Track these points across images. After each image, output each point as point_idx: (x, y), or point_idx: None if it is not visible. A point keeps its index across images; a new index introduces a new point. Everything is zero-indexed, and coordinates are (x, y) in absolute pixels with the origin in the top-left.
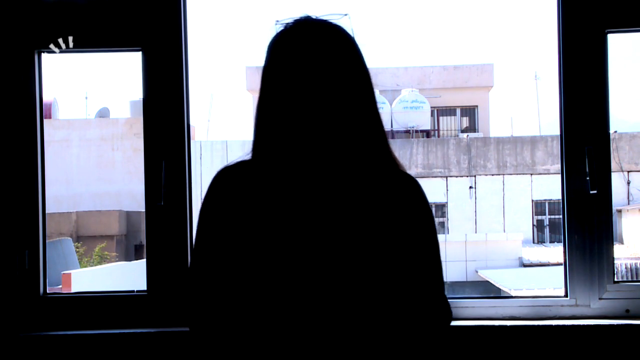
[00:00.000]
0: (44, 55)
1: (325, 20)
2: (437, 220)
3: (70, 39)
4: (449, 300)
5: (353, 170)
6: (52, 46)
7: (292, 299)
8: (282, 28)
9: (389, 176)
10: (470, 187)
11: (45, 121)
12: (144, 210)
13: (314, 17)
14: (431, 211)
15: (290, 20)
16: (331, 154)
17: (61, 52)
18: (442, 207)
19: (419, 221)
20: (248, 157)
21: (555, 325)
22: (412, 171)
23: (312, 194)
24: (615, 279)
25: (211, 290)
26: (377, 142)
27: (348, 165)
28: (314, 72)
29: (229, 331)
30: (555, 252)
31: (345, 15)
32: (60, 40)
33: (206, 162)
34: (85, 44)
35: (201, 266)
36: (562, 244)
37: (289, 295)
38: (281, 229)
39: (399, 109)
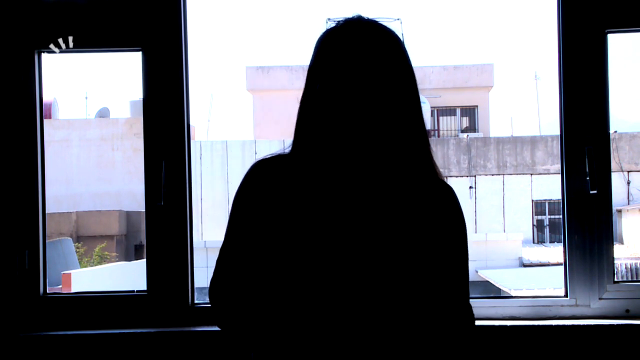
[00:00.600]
0: (44, 55)
1: (377, 22)
2: None
3: (70, 39)
4: None
5: (391, 173)
6: (52, 46)
7: (319, 299)
8: (333, 25)
9: (427, 183)
10: (470, 187)
11: (45, 121)
12: (144, 210)
13: (365, 17)
14: (464, 222)
15: (341, 19)
16: (371, 155)
17: (61, 52)
18: None
19: (452, 231)
20: (286, 151)
21: (555, 325)
22: None
23: (348, 195)
24: (615, 279)
25: (238, 285)
26: (419, 147)
27: (387, 168)
28: (361, 72)
29: (254, 325)
30: (555, 252)
31: (397, 19)
32: (60, 40)
33: (206, 162)
34: (85, 44)
35: (230, 260)
36: (562, 244)
37: (315, 295)
38: (313, 227)
39: None
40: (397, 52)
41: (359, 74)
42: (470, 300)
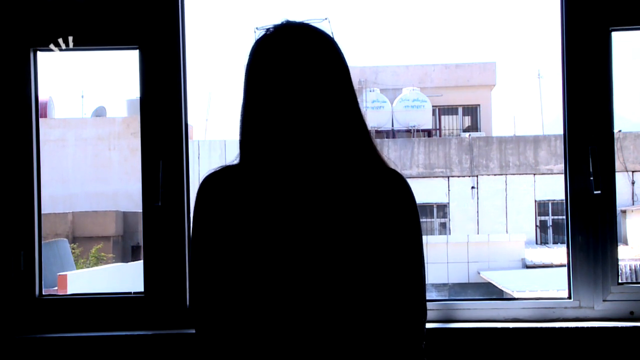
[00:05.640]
0: (40, 54)
1: (305, 24)
2: (438, 220)
3: (67, 37)
4: (449, 301)
5: (339, 170)
6: (48, 44)
7: (283, 299)
8: (263, 33)
9: (375, 174)
10: (472, 187)
11: (40, 120)
12: (141, 210)
13: (293, 21)
14: (416, 207)
15: (270, 26)
16: (317, 155)
17: (57, 50)
18: (443, 208)
19: (404, 218)
20: (233, 162)
21: (558, 328)
22: (413, 171)
23: (300, 196)
24: (620, 281)
25: (213, 294)
26: (362, 140)
27: (334, 165)
28: (296, 74)
29: (231, 329)
30: (559, 253)
31: (325, 19)
32: (57, 38)
33: (204, 162)
34: (81, 41)
35: (201, 271)
36: (565, 245)
37: (279, 295)
38: (271, 231)
39: (400, 107)
40: (329, 50)
41: (295, 78)
42: (472, 302)
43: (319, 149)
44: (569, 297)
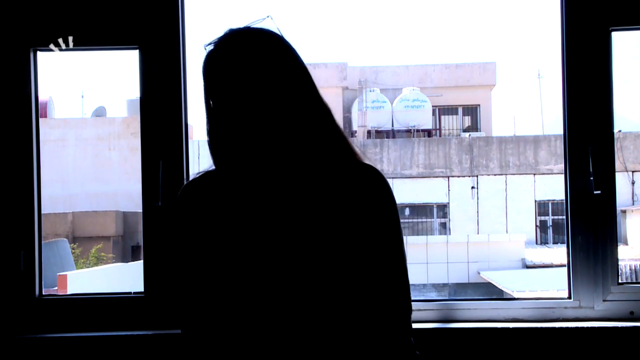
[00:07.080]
0: (40, 54)
1: (249, 28)
2: (438, 220)
3: (67, 37)
4: (449, 301)
5: (312, 168)
6: (48, 44)
7: (266, 300)
8: (211, 48)
9: (350, 169)
10: (472, 187)
11: (40, 120)
12: (141, 210)
13: (236, 28)
14: (394, 201)
15: (215, 39)
16: (286, 156)
17: (57, 50)
18: (443, 208)
19: (382, 213)
20: (210, 168)
21: (558, 328)
22: (413, 171)
23: (276, 197)
24: (620, 281)
25: (197, 297)
26: (331, 134)
27: (306, 164)
28: (249, 80)
29: (217, 331)
30: (559, 253)
31: (268, 17)
32: (57, 38)
33: (204, 162)
34: (81, 41)
35: (185, 276)
36: (565, 245)
37: (263, 295)
38: (251, 233)
39: (400, 107)
40: (278, 48)
41: (248, 85)
42: (472, 302)
43: (286, 149)
44: (569, 297)
